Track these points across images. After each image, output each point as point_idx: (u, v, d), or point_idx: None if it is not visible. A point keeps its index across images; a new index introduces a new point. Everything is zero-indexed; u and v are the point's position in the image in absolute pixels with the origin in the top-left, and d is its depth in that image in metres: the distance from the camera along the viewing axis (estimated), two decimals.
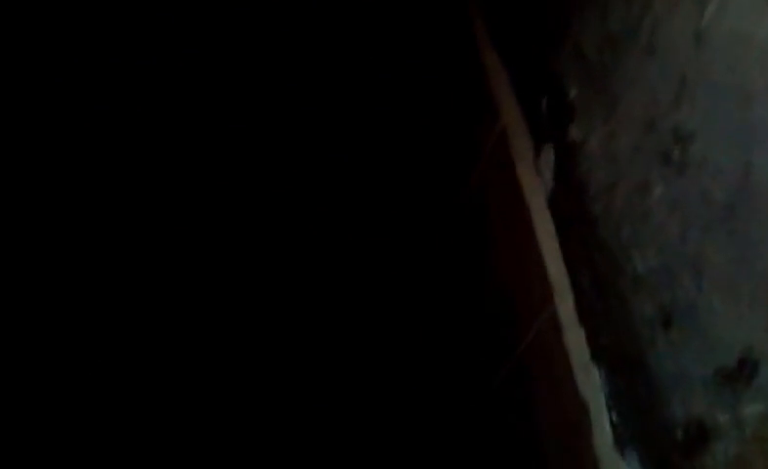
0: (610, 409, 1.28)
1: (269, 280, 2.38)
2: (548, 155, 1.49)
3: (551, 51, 1.49)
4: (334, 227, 2.36)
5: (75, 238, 2.23)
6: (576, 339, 1.37)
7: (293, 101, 2.25)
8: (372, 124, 2.20)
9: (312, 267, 2.38)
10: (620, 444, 1.25)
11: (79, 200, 2.23)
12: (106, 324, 2.23)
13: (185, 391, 2.25)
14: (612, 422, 1.27)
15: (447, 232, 2.15)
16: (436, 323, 2.29)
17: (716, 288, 0.97)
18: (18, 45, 1.97)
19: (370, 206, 2.33)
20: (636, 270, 1.16)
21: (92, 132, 2.17)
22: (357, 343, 2.40)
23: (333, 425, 2.32)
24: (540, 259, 1.49)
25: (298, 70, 2.18)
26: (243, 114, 2.25)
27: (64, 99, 2.11)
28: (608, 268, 1.24)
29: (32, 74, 2.03)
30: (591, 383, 1.32)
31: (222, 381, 2.27)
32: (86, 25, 1.98)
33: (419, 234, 2.31)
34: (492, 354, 1.82)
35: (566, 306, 1.41)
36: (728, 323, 0.95)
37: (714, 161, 0.98)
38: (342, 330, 2.38)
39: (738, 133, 0.92)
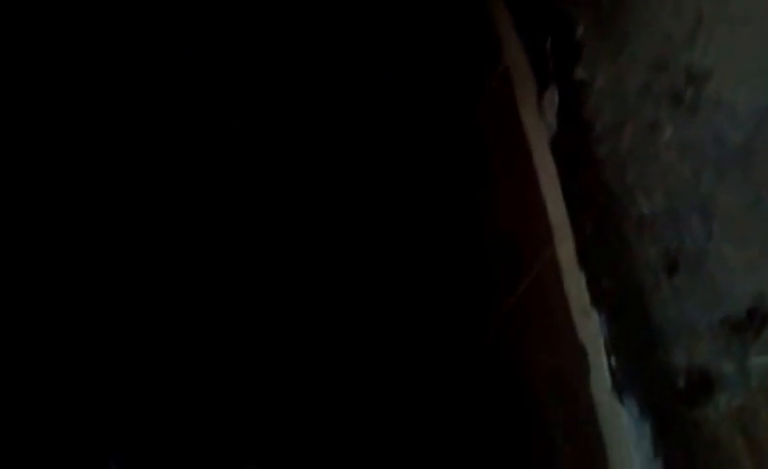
0: (609, 354, 1.26)
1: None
2: (552, 96, 1.45)
3: None
4: (340, 169, 2.35)
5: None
6: (575, 283, 1.35)
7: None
8: (376, 58, 2.16)
9: (318, 211, 2.39)
10: (619, 389, 1.23)
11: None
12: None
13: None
14: (611, 367, 1.26)
15: (447, 172, 2.12)
16: (434, 264, 2.27)
17: (727, 234, 0.95)
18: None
19: (374, 142, 2.30)
20: (642, 213, 1.13)
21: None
22: (358, 287, 2.40)
23: (334, 366, 2.35)
24: (541, 201, 1.46)
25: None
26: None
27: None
28: (611, 211, 1.21)
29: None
30: (590, 328, 1.31)
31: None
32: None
33: (419, 172, 2.28)
34: (489, 298, 1.80)
35: (566, 249, 1.38)
36: (738, 271, 0.93)
37: (730, 101, 0.94)
38: (346, 274, 2.39)
39: (757, 72, 0.88)
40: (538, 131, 1.49)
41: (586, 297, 1.32)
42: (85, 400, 2.17)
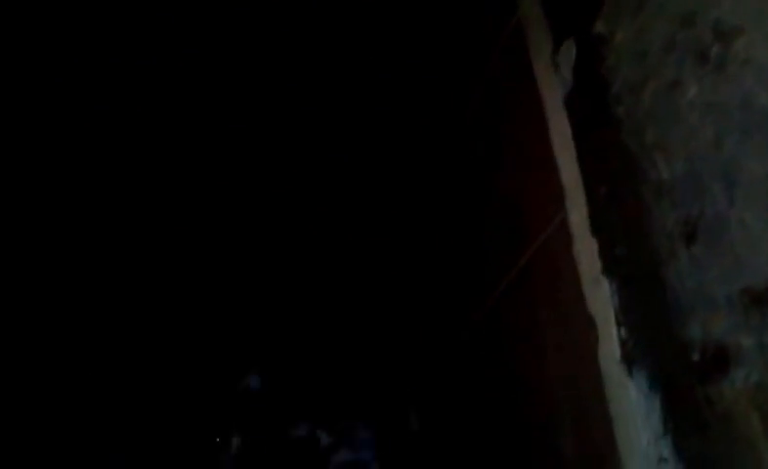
0: (619, 325, 1.21)
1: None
2: (569, 51, 1.38)
3: None
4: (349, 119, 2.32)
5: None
6: (587, 250, 1.30)
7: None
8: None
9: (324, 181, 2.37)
10: (628, 361, 1.18)
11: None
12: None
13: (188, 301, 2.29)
14: (620, 338, 1.20)
15: (456, 132, 2.06)
16: (438, 228, 2.22)
17: (750, 201, 0.89)
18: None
19: (384, 92, 2.26)
20: (661, 177, 1.07)
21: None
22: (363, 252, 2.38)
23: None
24: (554, 162, 1.40)
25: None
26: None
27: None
28: (628, 174, 1.15)
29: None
30: (601, 297, 1.25)
31: None
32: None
33: (428, 128, 2.23)
34: (493, 265, 1.75)
35: (578, 214, 1.32)
36: (760, 241, 0.87)
37: (760, 61, 0.88)
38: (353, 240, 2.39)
39: None
40: (553, 88, 1.43)
41: (598, 265, 1.27)
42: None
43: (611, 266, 1.24)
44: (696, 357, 1.01)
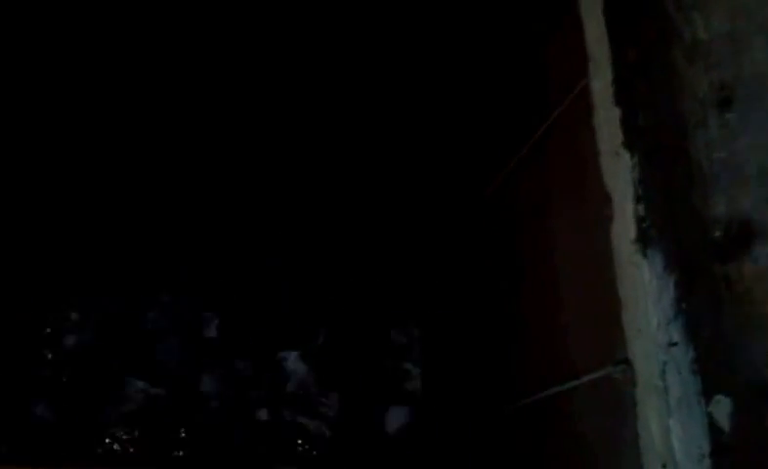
0: (638, 201, 1.17)
1: None
2: None
3: None
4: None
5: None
6: (608, 119, 1.25)
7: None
8: None
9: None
10: (644, 241, 1.15)
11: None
12: None
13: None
14: (637, 216, 1.17)
15: None
16: (450, 92, 2.16)
17: None
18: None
19: None
20: (697, 36, 1.02)
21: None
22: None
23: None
24: (578, 21, 1.33)
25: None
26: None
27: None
28: (661, 33, 1.09)
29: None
30: (620, 170, 1.21)
31: None
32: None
33: None
34: (505, 139, 1.70)
35: (602, 81, 1.27)
36: None
37: None
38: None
39: None
40: None
41: (619, 136, 1.22)
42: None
43: (633, 137, 1.19)
44: (718, 234, 0.97)
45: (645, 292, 1.12)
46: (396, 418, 2.19)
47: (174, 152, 2.28)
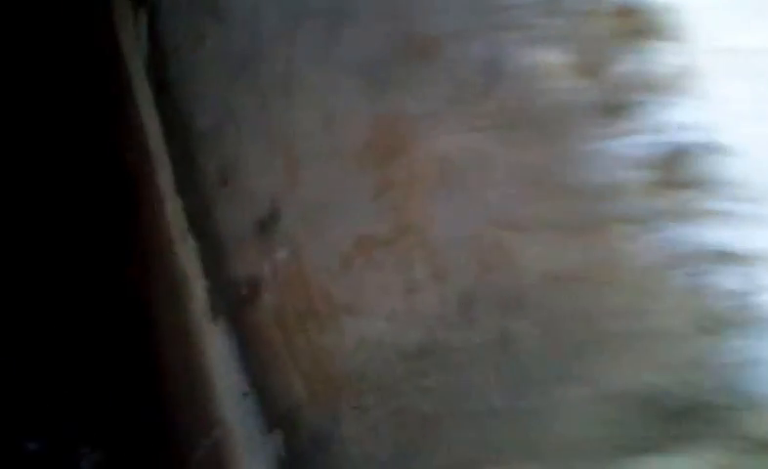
0: (205, 277, 1.32)
1: None
2: (143, 18, 1.47)
3: None
4: None
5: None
6: (175, 208, 1.40)
7: None
8: None
9: None
10: (214, 310, 1.30)
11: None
12: None
13: None
14: (207, 289, 1.32)
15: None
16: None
17: (250, 139, 1.03)
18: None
19: None
20: (201, 128, 1.19)
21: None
22: None
23: None
24: (142, 128, 1.49)
25: None
26: None
27: None
28: (180, 128, 1.26)
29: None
30: (189, 253, 1.36)
31: None
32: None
33: None
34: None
35: (165, 175, 1.42)
36: (259, 173, 1.01)
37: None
38: None
39: None
40: (136, 54, 1.51)
41: (184, 221, 1.37)
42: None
43: (191, 221, 1.35)
44: (244, 291, 1.14)
45: (220, 354, 1.27)
46: None
47: None
